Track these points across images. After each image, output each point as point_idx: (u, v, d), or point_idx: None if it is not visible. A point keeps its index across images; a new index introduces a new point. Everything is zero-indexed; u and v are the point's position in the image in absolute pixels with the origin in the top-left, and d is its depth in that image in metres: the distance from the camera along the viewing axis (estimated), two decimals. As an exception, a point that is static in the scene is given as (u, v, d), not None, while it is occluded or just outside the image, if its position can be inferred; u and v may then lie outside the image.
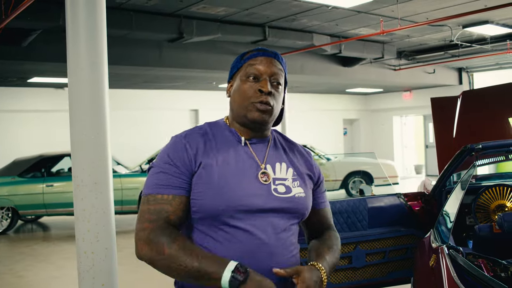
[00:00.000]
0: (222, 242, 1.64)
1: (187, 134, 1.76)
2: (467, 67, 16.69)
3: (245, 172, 1.72)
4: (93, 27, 3.62)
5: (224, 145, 1.76)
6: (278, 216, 1.71)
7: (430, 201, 4.16)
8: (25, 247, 8.82)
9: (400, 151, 20.70)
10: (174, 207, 1.65)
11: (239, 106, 1.77)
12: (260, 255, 1.64)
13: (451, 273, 2.18)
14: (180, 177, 1.67)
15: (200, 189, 1.66)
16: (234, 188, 1.66)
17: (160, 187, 1.66)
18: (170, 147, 1.73)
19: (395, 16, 9.30)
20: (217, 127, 1.82)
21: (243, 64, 1.81)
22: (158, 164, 1.71)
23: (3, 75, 11.85)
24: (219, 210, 1.63)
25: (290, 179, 1.79)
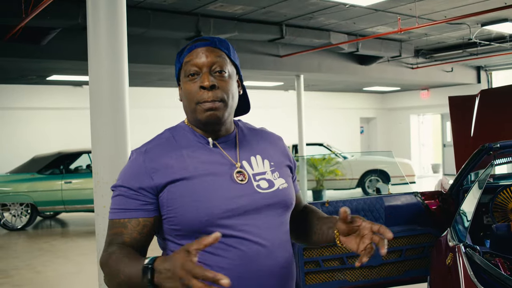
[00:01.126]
0: (216, 254, 1.50)
1: (147, 149, 1.60)
2: (486, 65, 16.55)
3: (220, 175, 1.57)
4: (114, 26, 3.67)
5: (192, 150, 1.60)
6: (267, 214, 1.59)
7: (447, 200, 4.15)
8: (43, 243, 8.93)
9: (417, 150, 20.59)
10: (129, 229, 1.53)
11: (189, 110, 1.62)
12: (259, 258, 1.54)
13: (468, 271, 2.18)
14: (138, 198, 1.53)
15: (175, 204, 1.52)
16: (212, 195, 1.53)
17: (117, 212, 1.55)
18: (128, 166, 1.59)
19: (413, 14, 9.26)
20: (180, 132, 1.66)
21: (182, 63, 1.63)
22: (116, 186, 1.59)
23: (23, 73, 11.99)
24: (202, 222, 1.50)
25: (269, 172, 1.66)
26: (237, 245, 1.52)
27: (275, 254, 1.58)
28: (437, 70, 15.43)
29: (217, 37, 1.67)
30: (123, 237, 1.53)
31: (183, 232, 1.54)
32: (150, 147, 1.61)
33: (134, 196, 1.54)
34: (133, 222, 1.54)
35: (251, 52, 11.39)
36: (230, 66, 1.63)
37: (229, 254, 1.51)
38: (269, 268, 1.55)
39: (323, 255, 3.69)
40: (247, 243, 1.53)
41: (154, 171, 1.55)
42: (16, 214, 10.31)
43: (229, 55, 1.64)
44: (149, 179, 1.54)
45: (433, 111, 19.85)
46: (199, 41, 1.63)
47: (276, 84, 16.34)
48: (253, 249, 1.53)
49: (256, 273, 1.53)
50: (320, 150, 14.52)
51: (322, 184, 13.35)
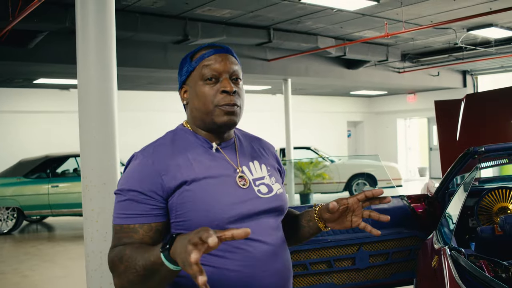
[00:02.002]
0: (224, 256, 1.53)
1: (155, 150, 1.60)
2: (472, 70, 16.69)
3: (226, 179, 1.61)
4: (102, 29, 3.67)
5: (196, 154, 1.62)
6: (268, 217, 1.65)
7: (433, 203, 4.19)
8: (30, 247, 8.88)
9: (404, 153, 20.70)
10: (140, 234, 1.52)
11: (203, 112, 1.63)
12: (265, 258, 1.58)
13: (453, 274, 2.21)
14: (149, 203, 1.53)
15: (185, 209, 1.54)
16: (221, 200, 1.55)
17: (127, 217, 1.53)
18: (136, 169, 1.56)
19: (400, 19, 9.33)
20: (182, 134, 1.68)
21: (195, 67, 1.65)
22: (123, 190, 1.55)
23: (10, 76, 11.92)
24: (212, 227, 1.44)
25: (267, 176, 1.72)
26: (244, 246, 1.55)
27: (279, 255, 1.64)
28: (424, 74, 15.54)
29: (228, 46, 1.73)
30: (133, 240, 1.52)
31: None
32: (157, 149, 1.61)
33: (145, 201, 1.53)
34: (145, 228, 1.53)
35: (239, 56, 11.12)
36: (241, 76, 1.71)
37: (237, 256, 1.54)
38: (275, 268, 1.60)
39: (310, 258, 3.71)
40: (254, 244, 1.57)
41: (164, 174, 1.55)
42: (2, 218, 10.23)
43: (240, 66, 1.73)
44: (161, 181, 1.54)
45: (420, 115, 19.97)
46: (213, 47, 1.68)
47: (264, 88, 16.37)
48: (259, 250, 1.58)
49: (263, 273, 1.57)
50: (307, 153, 14.55)
51: (310, 187, 13.38)
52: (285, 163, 13.61)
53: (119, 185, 1.58)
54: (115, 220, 1.56)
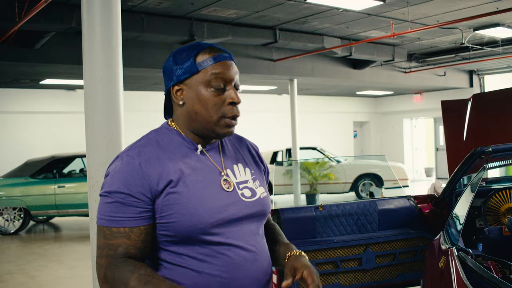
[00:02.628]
0: (205, 260, 1.52)
1: (140, 150, 1.55)
2: (478, 69, 16.63)
3: (211, 183, 1.58)
4: (108, 30, 3.67)
5: (182, 155, 1.59)
6: (250, 222, 1.62)
7: (440, 203, 4.17)
8: (37, 248, 8.90)
9: (411, 153, 20.65)
10: (132, 240, 1.50)
11: (205, 119, 1.59)
12: (246, 264, 1.57)
13: (461, 274, 2.20)
14: (139, 206, 1.49)
15: (170, 211, 1.51)
16: (207, 203, 1.53)
17: (115, 220, 1.49)
18: (122, 171, 1.51)
19: (406, 19, 9.31)
20: (167, 134, 1.64)
21: (200, 70, 1.58)
22: (110, 191, 1.50)
23: (16, 76, 11.96)
24: (196, 230, 1.50)
25: (250, 180, 1.69)
26: (225, 251, 1.54)
27: (259, 260, 1.62)
28: (430, 74, 15.50)
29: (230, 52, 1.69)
30: (128, 249, 1.50)
31: (175, 239, 1.53)
32: (142, 150, 1.56)
33: (134, 203, 1.49)
34: (135, 231, 1.50)
35: (245, 56, 11.40)
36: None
37: (218, 261, 1.53)
38: (255, 274, 1.59)
39: (316, 258, 3.71)
40: (235, 250, 1.56)
41: (151, 175, 1.51)
42: (9, 218, 10.27)
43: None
44: (148, 183, 1.50)
45: (426, 115, 19.92)
46: (218, 50, 1.63)
47: (270, 88, 16.36)
48: (240, 256, 1.57)
49: (243, 279, 1.56)
50: (313, 154, 14.54)
51: (316, 188, 13.36)
52: (291, 163, 13.61)
53: (105, 187, 1.53)
54: (102, 221, 1.51)
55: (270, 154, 14.56)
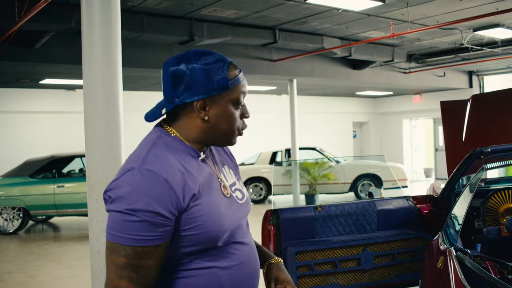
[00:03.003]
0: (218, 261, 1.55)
1: (160, 164, 1.47)
2: (478, 70, 16.64)
3: (216, 188, 1.60)
4: (108, 30, 3.68)
5: (188, 163, 1.55)
6: (243, 221, 1.69)
7: (439, 204, 4.18)
8: (36, 247, 8.90)
9: (410, 154, 20.66)
10: (155, 260, 1.45)
11: (226, 134, 1.62)
12: (250, 260, 1.64)
13: (459, 275, 2.20)
14: (167, 224, 1.44)
15: (195, 223, 1.48)
16: (221, 211, 1.55)
17: (143, 239, 1.42)
18: (149, 188, 1.42)
19: (405, 20, 9.32)
20: (170, 142, 1.57)
21: (231, 87, 1.57)
22: (136, 210, 1.40)
23: (16, 76, 11.96)
24: (224, 238, 1.54)
25: (237, 181, 1.74)
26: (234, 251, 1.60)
27: (256, 256, 1.71)
28: (430, 74, 15.51)
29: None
30: (150, 271, 1.45)
31: (198, 249, 1.52)
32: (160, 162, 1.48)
33: (163, 222, 1.43)
34: (158, 250, 1.45)
35: (244, 57, 11.41)
36: None
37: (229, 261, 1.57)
38: (255, 269, 1.67)
39: (315, 259, 3.71)
40: (241, 247, 1.62)
41: (177, 191, 1.46)
42: (8, 218, 10.27)
43: None
44: (176, 200, 1.45)
45: (426, 115, 19.93)
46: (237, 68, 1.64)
47: (269, 88, 16.36)
48: (245, 252, 1.63)
49: (249, 275, 1.63)
50: (313, 154, 14.55)
51: (315, 188, 13.37)
52: (290, 163, 13.62)
53: (126, 203, 1.41)
54: (123, 240, 1.42)
55: (269, 155, 14.57)
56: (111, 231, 1.44)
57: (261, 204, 14.01)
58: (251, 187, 14.22)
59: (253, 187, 14.22)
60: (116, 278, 1.43)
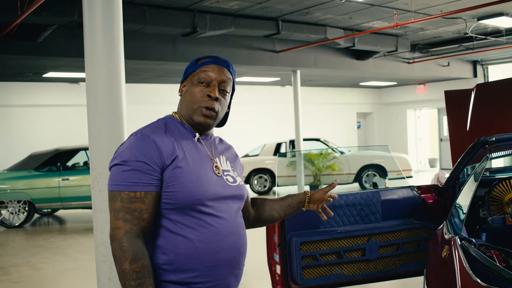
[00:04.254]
0: (196, 228, 1.80)
1: (153, 131, 1.85)
2: (482, 59, 16.57)
3: (206, 164, 1.90)
4: (110, 22, 3.66)
5: (184, 139, 1.90)
6: (233, 202, 1.93)
7: (443, 193, 4.17)
8: (41, 240, 8.94)
9: (414, 144, 20.62)
10: (147, 205, 1.76)
11: (188, 107, 1.92)
12: (230, 235, 1.87)
13: (463, 264, 2.20)
14: (152, 174, 1.77)
15: (175, 182, 1.78)
16: (204, 179, 1.84)
17: (133, 185, 1.75)
18: (138, 144, 1.79)
19: (409, 9, 9.27)
20: (172, 123, 1.94)
21: (197, 69, 1.95)
22: (128, 161, 1.76)
23: (19, 70, 11.97)
24: (196, 199, 1.79)
25: (231, 170, 2.02)
26: (214, 223, 1.83)
27: (240, 233, 1.93)
28: (434, 64, 15.45)
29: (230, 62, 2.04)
30: (142, 213, 1.75)
31: (175, 207, 1.79)
32: (155, 130, 1.86)
33: (149, 171, 1.76)
34: (149, 196, 1.76)
35: (248, 48, 11.39)
36: (230, 88, 1.99)
37: (207, 231, 1.82)
38: (236, 244, 1.89)
39: (320, 249, 3.71)
40: (221, 222, 1.86)
41: (164, 150, 1.80)
42: (14, 211, 10.31)
43: (234, 80, 2.02)
44: (161, 155, 1.79)
45: (430, 105, 19.88)
46: (218, 59, 1.99)
47: (273, 79, 16.34)
48: (225, 227, 1.86)
49: (227, 248, 1.85)
50: (317, 145, 14.54)
51: (319, 179, 13.37)
52: (295, 154, 13.61)
53: (121, 157, 1.78)
54: (119, 187, 1.76)
55: (273, 146, 14.56)
56: (110, 182, 1.79)
57: (265, 195, 14.02)
58: (256, 179, 14.23)
59: (258, 178, 14.23)
60: (115, 220, 1.75)
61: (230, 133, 2.31)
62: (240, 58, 11.34)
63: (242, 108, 17.55)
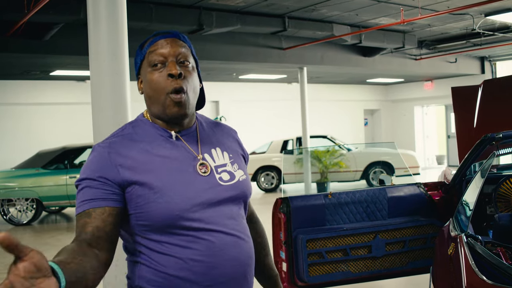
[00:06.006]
0: (186, 246, 1.54)
1: (111, 142, 1.59)
2: (490, 56, 16.48)
3: (186, 168, 1.60)
4: (114, 20, 3.67)
5: (155, 144, 1.61)
6: (229, 205, 1.64)
7: (450, 190, 4.15)
8: (49, 238, 8.98)
9: (422, 141, 20.56)
10: (92, 218, 1.48)
11: (155, 101, 1.61)
12: (227, 247, 1.58)
13: (469, 261, 2.19)
14: (104, 188, 1.51)
15: (144, 201, 1.52)
16: (181, 190, 1.55)
17: (83, 204, 1.50)
18: (92, 160, 1.56)
19: (416, 5, 9.23)
20: (141, 125, 1.66)
21: (144, 55, 1.64)
22: (81, 179, 1.54)
23: (26, 68, 12.02)
24: (173, 217, 1.51)
25: (229, 163, 1.70)
26: (206, 236, 1.55)
27: (241, 243, 1.62)
28: (441, 61, 15.39)
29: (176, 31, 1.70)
30: (86, 228, 1.47)
31: (152, 228, 1.54)
32: (114, 140, 1.59)
33: (99, 186, 1.51)
34: (98, 211, 1.49)
35: (254, 45, 11.38)
36: (192, 59, 1.66)
37: (200, 246, 1.54)
38: (237, 257, 1.60)
39: (326, 246, 3.71)
40: (215, 234, 1.56)
41: (120, 165, 1.53)
42: (22, 209, 10.36)
43: (191, 48, 1.68)
44: (116, 172, 1.52)
45: (437, 102, 19.80)
46: (160, 34, 1.66)
47: (280, 76, 16.33)
48: (221, 239, 1.57)
49: (225, 262, 1.57)
50: (324, 142, 14.53)
51: (326, 176, 13.36)
52: (302, 151, 13.61)
53: (79, 177, 1.56)
54: (76, 210, 1.53)
55: (280, 143, 14.56)
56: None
57: (272, 192, 14.01)
58: (263, 176, 14.23)
59: (265, 175, 14.24)
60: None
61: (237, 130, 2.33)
62: (246, 56, 11.34)
63: (249, 105, 17.56)
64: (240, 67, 13.07)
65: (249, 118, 17.29)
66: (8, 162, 12.25)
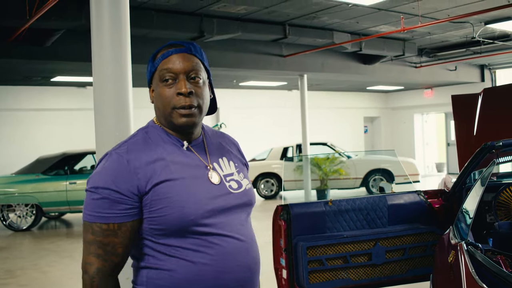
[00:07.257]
0: (198, 250, 1.59)
1: (129, 149, 1.61)
2: (490, 64, 16.51)
3: (199, 177, 1.66)
4: (117, 26, 3.68)
5: (170, 152, 1.65)
6: (238, 212, 1.70)
7: (450, 198, 4.16)
8: (49, 244, 8.97)
9: (422, 149, 20.56)
10: (121, 237, 1.56)
11: (164, 113, 1.66)
12: (237, 253, 1.64)
13: (470, 269, 2.19)
14: (126, 202, 1.55)
15: (160, 205, 1.56)
16: (195, 196, 1.60)
17: (104, 216, 1.54)
18: (111, 167, 1.56)
19: (416, 13, 9.26)
20: (154, 132, 1.70)
21: (156, 67, 1.68)
22: (97, 187, 1.55)
23: (27, 74, 12.04)
24: (187, 221, 1.56)
25: (235, 172, 1.77)
26: (217, 241, 1.61)
27: (249, 249, 1.70)
28: (441, 69, 15.42)
29: (191, 42, 1.73)
30: (116, 248, 1.57)
31: (165, 232, 1.58)
32: (130, 147, 1.62)
33: (121, 200, 1.55)
34: (123, 229, 1.56)
35: (255, 52, 11.40)
36: (203, 72, 1.71)
37: (211, 250, 1.60)
38: (246, 262, 1.67)
39: (326, 253, 3.71)
40: (226, 239, 1.63)
41: (139, 172, 1.56)
42: (22, 215, 10.35)
43: (203, 61, 1.72)
44: (136, 180, 1.56)
45: (437, 110, 19.82)
46: (173, 46, 1.69)
47: (280, 84, 16.35)
48: (232, 245, 1.64)
49: (235, 267, 1.63)
50: (324, 149, 14.53)
51: (326, 183, 13.35)
52: (302, 159, 13.60)
53: (92, 183, 1.57)
54: (89, 217, 1.56)
55: (280, 150, 14.56)
56: (83, 210, 1.59)
57: (272, 199, 14.01)
58: (262, 183, 14.22)
59: (264, 182, 14.23)
60: (86, 254, 1.57)
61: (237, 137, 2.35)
62: (247, 63, 11.36)
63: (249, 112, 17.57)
64: (240, 74, 13.09)
65: (249, 125, 17.30)
66: (8, 167, 12.25)
